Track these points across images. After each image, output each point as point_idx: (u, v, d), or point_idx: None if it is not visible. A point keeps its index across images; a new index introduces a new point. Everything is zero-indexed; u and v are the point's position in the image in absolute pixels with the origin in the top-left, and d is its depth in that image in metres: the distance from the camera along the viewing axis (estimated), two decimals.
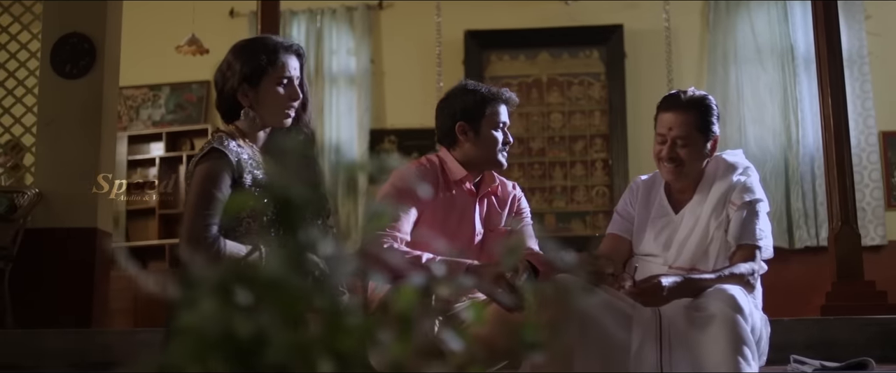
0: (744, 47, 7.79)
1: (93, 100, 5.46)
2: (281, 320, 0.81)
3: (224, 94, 2.79)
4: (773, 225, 7.24)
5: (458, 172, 3.24)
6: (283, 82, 2.77)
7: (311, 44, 8.25)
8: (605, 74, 7.99)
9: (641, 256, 3.27)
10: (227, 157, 2.62)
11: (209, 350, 0.80)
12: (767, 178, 7.52)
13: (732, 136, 7.62)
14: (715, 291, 2.84)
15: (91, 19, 5.54)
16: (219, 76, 2.80)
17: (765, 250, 3.12)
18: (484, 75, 8.04)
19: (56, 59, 5.49)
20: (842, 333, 3.99)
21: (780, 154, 7.60)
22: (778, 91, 7.69)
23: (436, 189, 3.21)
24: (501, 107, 3.25)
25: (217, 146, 2.64)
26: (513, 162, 7.97)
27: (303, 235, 0.85)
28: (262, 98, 2.76)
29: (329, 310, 0.85)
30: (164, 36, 7.35)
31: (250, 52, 2.78)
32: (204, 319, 0.80)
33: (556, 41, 8.07)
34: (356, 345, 0.87)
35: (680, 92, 3.27)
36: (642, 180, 3.43)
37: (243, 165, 2.65)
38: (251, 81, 2.73)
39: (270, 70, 2.76)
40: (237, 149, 2.68)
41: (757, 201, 3.12)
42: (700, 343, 2.80)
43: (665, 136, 3.21)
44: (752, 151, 7.58)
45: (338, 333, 0.85)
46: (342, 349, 0.84)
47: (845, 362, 3.44)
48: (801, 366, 3.38)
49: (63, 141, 5.42)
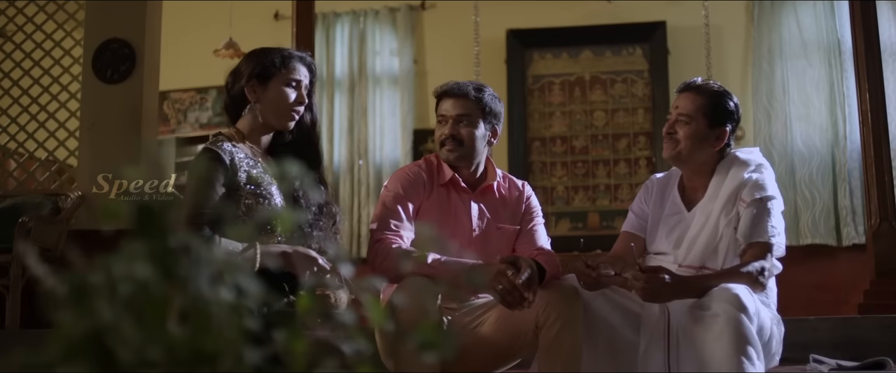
0: (789, 42, 7.67)
1: (133, 103, 5.58)
2: (140, 320, 0.83)
3: (233, 93, 2.86)
4: (820, 222, 7.26)
5: (446, 174, 3.26)
6: (291, 84, 2.85)
7: (355, 45, 8.31)
8: (648, 72, 7.93)
9: (653, 254, 3.26)
10: (221, 156, 2.70)
11: (77, 350, 0.83)
12: (814, 174, 7.40)
13: (778, 132, 7.52)
14: (720, 290, 2.81)
15: (131, 25, 5.66)
16: (230, 77, 2.88)
17: (777, 249, 3.08)
18: (526, 74, 8.05)
19: (97, 65, 5.62)
20: (870, 332, 3.92)
21: (827, 150, 7.47)
22: (824, 87, 7.56)
23: (430, 189, 3.24)
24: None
25: (210, 147, 2.73)
26: (556, 161, 7.97)
27: (173, 240, 0.87)
28: (269, 96, 2.84)
29: (195, 311, 0.87)
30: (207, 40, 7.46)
31: (264, 54, 2.89)
32: (70, 318, 0.83)
33: (599, 39, 8.03)
34: (225, 346, 0.89)
35: (699, 78, 3.29)
36: (657, 178, 3.43)
37: (238, 163, 2.72)
38: (260, 78, 2.82)
39: (282, 71, 2.85)
40: (231, 149, 2.75)
41: (769, 199, 3.08)
42: (704, 342, 2.78)
43: (672, 114, 3.23)
44: (799, 147, 7.47)
45: (203, 334, 0.87)
46: (209, 350, 0.87)
47: (863, 361, 3.38)
48: (819, 366, 3.34)
49: (104, 144, 5.55)
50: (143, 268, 0.85)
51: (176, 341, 0.85)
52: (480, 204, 3.30)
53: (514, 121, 7.93)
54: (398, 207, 3.15)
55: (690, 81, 3.28)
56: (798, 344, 3.87)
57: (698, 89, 3.22)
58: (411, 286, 2.87)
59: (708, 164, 3.23)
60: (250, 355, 0.92)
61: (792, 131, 7.52)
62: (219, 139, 2.79)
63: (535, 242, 3.28)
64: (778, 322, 3.13)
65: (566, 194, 7.94)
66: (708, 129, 3.19)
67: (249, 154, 2.80)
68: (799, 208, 7.42)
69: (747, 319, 2.74)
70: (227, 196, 2.71)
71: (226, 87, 2.90)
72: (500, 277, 2.83)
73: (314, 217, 2.86)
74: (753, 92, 7.66)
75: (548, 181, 7.95)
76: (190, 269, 0.88)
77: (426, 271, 2.95)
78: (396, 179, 3.27)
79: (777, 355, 3.16)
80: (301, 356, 1.00)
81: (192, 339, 0.86)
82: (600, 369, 2.98)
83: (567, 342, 2.87)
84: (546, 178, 7.96)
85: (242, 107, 2.85)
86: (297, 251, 2.76)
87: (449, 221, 3.24)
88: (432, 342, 1.02)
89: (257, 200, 2.74)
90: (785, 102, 7.58)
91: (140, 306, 0.84)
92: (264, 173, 2.80)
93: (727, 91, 3.28)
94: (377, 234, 3.09)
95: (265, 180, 2.79)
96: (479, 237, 3.26)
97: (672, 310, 2.96)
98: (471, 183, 3.31)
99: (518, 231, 3.32)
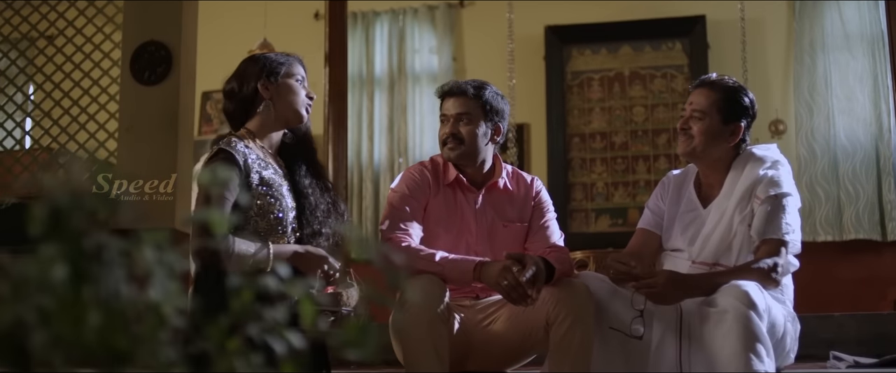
0: (832, 35, 7.56)
1: (170, 105, 5.66)
2: (54, 319, 0.87)
3: (241, 94, 2.91)
4: (864, 217, 7.15)
5: (451, 174, 3.29)
6: (298, 80, 2.92)
7: (394, 44, 8.36)
8: (687, 66, 7.86)
9: (669, 251, 3.26)
10: (234, 157, 2.74)
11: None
12: (857, 168, 7.29)
13: (820, 126, 7.42)
14: (729, 287, 2.80)
15: (167, 27, 5.74)
16: (235, 82, 2.93)
17: (791, 246, 3.06)
18: (565, 70, 8.03)
19: (135, 67, 5.71)
20: None
21: (870, 144, 7.35)
22: (868, 79, 7.44)
23: (436, 189, 3.28)
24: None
25: (224, 147, 2.77)
26: (595, 157, 7.94)
27: (87, 242, 0.90)
28: (282, 91, 2.90)
29: (107, 310, 0.90)
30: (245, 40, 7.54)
31: (264, 56, 2.96)
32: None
33: (638, 34, 7.97)
34: (139, 345, 0.92)
35: (714, 74, 3.28)
36: (674, 175, 3.42)
37: (250, 164, 2.77)
38: (271, 76, 2.88)
39: (288, 68, 2.92)
40: (244, 150, 2.79)
41: (784, 196, 3.06)
42: (713, 339, 2.78)
43: (686, 110, 3.22)
44: (842, 141, 7.37)
45: (116, 333, 0.90)
46: (119, 348, 0.90)
47: (882, 358, 3.34)
48: (838, 363, 3.31)
49: (142, 145, 5.63)
50: (58, 269, 0.88)
51: (88, 340, 0.88)
52: (486, 202, 3.32)
53: (553, 117, 7.92)
54: (405, 207, 3.19)
55: (705, 77, 3.27)
56: (824, 341, 3.83)
57: (712, 85, 3.21)
58: (419, 284, 2.90)
59: (723, 160, 3.21)
60: (167, 353, 0.95)
61: (835, 125, 7.42)
62: (230, 140, 2.84)
63: (547, 239, 3.29)
64: (793, 319, 3.11)
65: (606, 191, 7.91)
66: (722, 124, 3.18)
67: (260, 155, 2.85)
68: (842, 203, 7.33)
69: (756, 315, 2.73)
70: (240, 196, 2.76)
71: (229, 93, 2.95)
72: (505, 274, 2.85)
73: (323, 215, 2.91)
74: (795, 86, 7.57)
75: (587, 178, 7.93)
76: (102, 269, 0.91)
77: (434, 269, 2.98)
78: (403, 180, 3.31)
79: (792, 352, 3.14)
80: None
81: (104, 337, 0.89)
82: (613, 366, 2.98)
83: (577, 340, 2.88)
84: (586, 174, 7.94)
85: (252, 108, 2.90)
86: (308, 251, 2.81)
87: (455, 221, 3.27)
88: (355, 341, 1.04)
89: (268, 200, 2.79)
90: (827, 96, 7.48)
91: (54, 306, 0.87)
92: (275, 174, 2.85)
93: (742, 86, 3.26)
94: (386, 234, 3.13)
95: (276, 181, 2.84)
96: (486, 235, 3.28)
97: (684, 308, 2.96)
98: (476, 181, 3.33)
99: (528, 228, 3.33)
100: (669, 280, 2.84)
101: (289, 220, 2.83)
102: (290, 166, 2.97)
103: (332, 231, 2.92)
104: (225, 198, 2.71)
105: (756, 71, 7.56)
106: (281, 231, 2.81)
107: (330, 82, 6.02)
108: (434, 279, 2.94)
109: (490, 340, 3.14)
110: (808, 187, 7.34)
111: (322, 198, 2.94)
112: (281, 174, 2.90)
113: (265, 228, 2.79)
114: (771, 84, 7.79)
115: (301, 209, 2.88)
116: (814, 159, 7.40)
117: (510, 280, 2.84)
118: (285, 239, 2.82)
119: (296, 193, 2.89)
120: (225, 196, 2.71)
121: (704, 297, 2.88)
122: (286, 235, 2.82)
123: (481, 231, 3.29)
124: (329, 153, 6.06)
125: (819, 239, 7.30)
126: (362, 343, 1.07)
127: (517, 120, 7.42)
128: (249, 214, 2.76)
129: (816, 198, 7.34)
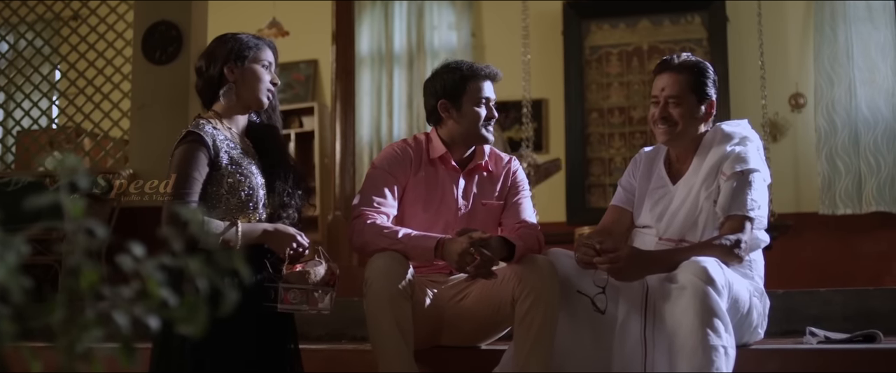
0: (853, 5, 7.45)
1: (181, 84, 5.77)
2: None
3: (208, 74, 2.97)
4: (885, 189, 7.06)
5: (438, 150, 3.32)
6: (264, 65, 2.97)
7: (413, 20, 8.40)
8: (707, 40, 7.78)
9: (639, 228, 3.28)
10: (203, 138, 2.81)
11: None
12: (879, 140, 7.20)
13: (841, 98, 7.33)
14: (688, 263, 2.81)
15: (178, 7, 5.84)
16: (203, 60, 2.99)
17: (758, 222, 3.06)
18: (584, 45, 8.00)
19: (147, 46, 5.82)
20: (883, 304, 3.85)
21: (892, 116, 7.25)
22: (890, 50, 7.33)
23: (418, 167, 3.31)
24: (484, 83, 3.30)
25: (193, 129, 2.84)
26: (614, 132, 7.92)
27: None
28: (247, 76, 2.95)
29: None
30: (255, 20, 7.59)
31: (235, 38, 3.00)
32: None
33: (657, 8, 7.91)
34: None
35: (673, 56, 3.26)
36: (645, 152, 3.43)
37: (219, 145, 2.84)
38: (238, 59, 2.93)
39: (255, 53, 2.96)
40: (213, 131, 2.86)
41: (750, 172, 3.06)
42: (672, 315, 2.80)
43: (658, 97, 3.21)
44: (863, 113, 7.28)
45: None
46: None
47: (853, 333, 3.34)
48: (811, 338, 3.31)
49: (154, 124, 5.75)
50: None
51: None
52: (468, 181, 3.37)
53: (572, 92, 7.91)
54: (381, 183, 3.24)
55: (666, 59, 3.25)
56: (809, 316, 3.83)
57: (680, 68, 3.20)
58: (379, 261, 2.96)
59: (696, 138, 3.22)
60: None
61: (856, 96, 7.33)
62: (199, 122, 2.90)
63: (518, 216, 3.33)
64: (761, 295, 3.12)
65: (624, 165, 7.84)
66: (698, 103, 3.19)
67: (228, 136, 2.92)
68: (864, 175, 7.25)
69: (714, 291, 2.74)
70: (210, 176, 2.83)
71: (198, 71, 3.01)
72: (465, 257, 2.91)
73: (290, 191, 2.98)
74: (815, 57, 7.48)
75: (606, 152, 7.92)
76: None
77: (396, 247, 3.03)
78: (382, 156, 3.36)
79: (761, 327, 3.15)
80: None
81: None
82: (580, 340, 3.02)
83: (539, 317, 2.91)
84: (604, 149, 7.93)
85: (217, 89, 2.96)
86: (277, 229, 2.88)
87: (435, 198, 3.32)
88: (185, 317, 1.09)
89: (238, 178, 2.86)
90: (849, 67, 7.38)
91: None
92: (244, 155, 2.92)
93: (700, 60, 3.25)
94: (357, 209, 3.19)
95: (245, 159, 2.91)
96: (466, 214, 3.33)
97: (650, 284, 2.98)
98: (461, 161, 3.37)
99: (503, 205, 3.37)
100: (630, 257, 2.87)
101: (259, 196, 2.90)
102: (258, 146, 3.03)
103: (300, 204, 3.00)
104: (194, 178, 2.78)
105: (776, 44, 7.48)
106: (252, 207, 2.88)
107: (337, 59, 6.07)
108: (396, 256, 2.99)
109: (461, 315, 3.19)
110: (828, 160, 7.28)
111: (288, 174, 3.01)
112: (250, 153, 2.96)
113: (237, 204, 2.86)
114: (790, 57, 7.70)
115: (270, 186, 2.95)
116: (834, 131, 7.32)
117: (469, 258, 2.90)
118: (257, 215, 2.89)
119: (263, 170, 2.96)
120: (194, 176, 2.79)
121: (667, 273, 2.89)
122: (258, 210, 2.90)
123: (461, 211, 3.33)
124: (337, 130, 6.11)
125: (838, 212, 7.24)
126: (192, 320, 1.12)
127: (535, 95, 7.41)
128: (221, 193, 2.83)
129: (836, 171, 7.27)
